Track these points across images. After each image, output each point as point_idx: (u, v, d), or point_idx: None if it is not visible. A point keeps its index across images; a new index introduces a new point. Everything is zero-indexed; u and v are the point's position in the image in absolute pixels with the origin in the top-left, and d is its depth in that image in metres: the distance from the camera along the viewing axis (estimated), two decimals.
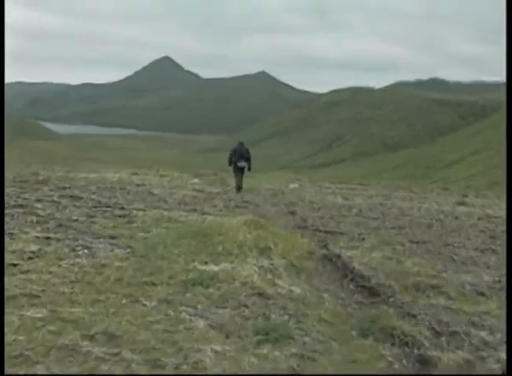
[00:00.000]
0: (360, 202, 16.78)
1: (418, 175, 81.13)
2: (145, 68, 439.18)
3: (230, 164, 18.34)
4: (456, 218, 14.02)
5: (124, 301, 5.33)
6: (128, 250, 7.38)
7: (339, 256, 7.61)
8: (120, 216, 10.10)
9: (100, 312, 4.98)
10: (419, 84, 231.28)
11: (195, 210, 11.66)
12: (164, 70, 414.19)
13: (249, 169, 18.37)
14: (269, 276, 6.38)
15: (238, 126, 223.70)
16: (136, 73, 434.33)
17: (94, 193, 13.53)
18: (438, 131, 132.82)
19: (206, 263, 6.74)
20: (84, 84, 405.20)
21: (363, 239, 9.41)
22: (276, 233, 8.31)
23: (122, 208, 11.11)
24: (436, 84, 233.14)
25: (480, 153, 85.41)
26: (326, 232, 9.99)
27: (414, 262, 7.69)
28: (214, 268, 6.51)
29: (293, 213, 12.58)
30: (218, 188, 18.53)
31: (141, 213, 10.54)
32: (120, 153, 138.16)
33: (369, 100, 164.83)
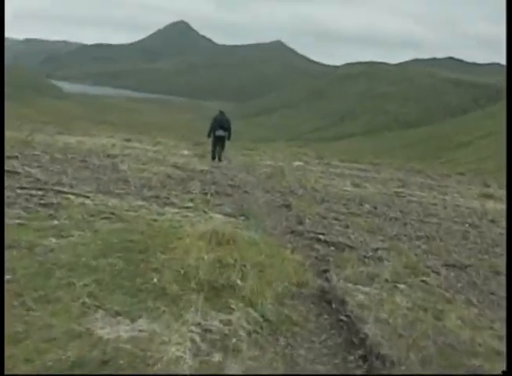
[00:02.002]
0: (373, 191, 13.98)
1: (428, 155, 78.02)
2: (160, 31, 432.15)
3: (210, 135, 17.66)
4: (493, 221, 11.19)
5: None
6: (8, 277, 4.61)
7: (343, 302, 4.81)
8: (45, 205, 7.30)
9: None
10: (435, 62, 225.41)
11: (157, 198, 8.82)
12: (179, 34, 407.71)
13: (228, 139, 17.91)
14: (216, 356, 3.56)
15: (250, 94, 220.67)
16: (151, 36, 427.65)
17: (39, 167, 10.72)
18: (450, 112, 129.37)
19: (116, 315, 3.97)
20: (97, 45, 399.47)
21: (380, 259, 6.60)
22: (250, 253, 5.46)
23: (58, 192, 8.29)
24: (452, 63, 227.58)
25: (490, 137, 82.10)
26: (328, 243, 7.16)
27: (461, 315, 4.88)
28: (122, 331, 3.72)
29: (288, 207, 9.74)
30: (207, 164, 15.74)
31: (78, 201, 7.74)
32: (130, 116, 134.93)
33: (383, 76, 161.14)
